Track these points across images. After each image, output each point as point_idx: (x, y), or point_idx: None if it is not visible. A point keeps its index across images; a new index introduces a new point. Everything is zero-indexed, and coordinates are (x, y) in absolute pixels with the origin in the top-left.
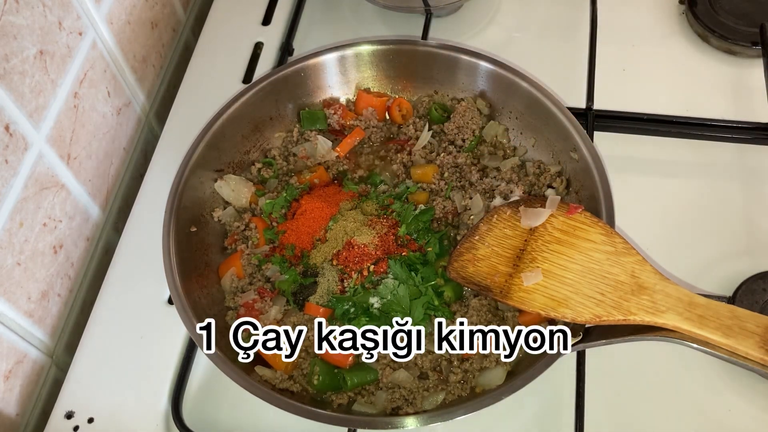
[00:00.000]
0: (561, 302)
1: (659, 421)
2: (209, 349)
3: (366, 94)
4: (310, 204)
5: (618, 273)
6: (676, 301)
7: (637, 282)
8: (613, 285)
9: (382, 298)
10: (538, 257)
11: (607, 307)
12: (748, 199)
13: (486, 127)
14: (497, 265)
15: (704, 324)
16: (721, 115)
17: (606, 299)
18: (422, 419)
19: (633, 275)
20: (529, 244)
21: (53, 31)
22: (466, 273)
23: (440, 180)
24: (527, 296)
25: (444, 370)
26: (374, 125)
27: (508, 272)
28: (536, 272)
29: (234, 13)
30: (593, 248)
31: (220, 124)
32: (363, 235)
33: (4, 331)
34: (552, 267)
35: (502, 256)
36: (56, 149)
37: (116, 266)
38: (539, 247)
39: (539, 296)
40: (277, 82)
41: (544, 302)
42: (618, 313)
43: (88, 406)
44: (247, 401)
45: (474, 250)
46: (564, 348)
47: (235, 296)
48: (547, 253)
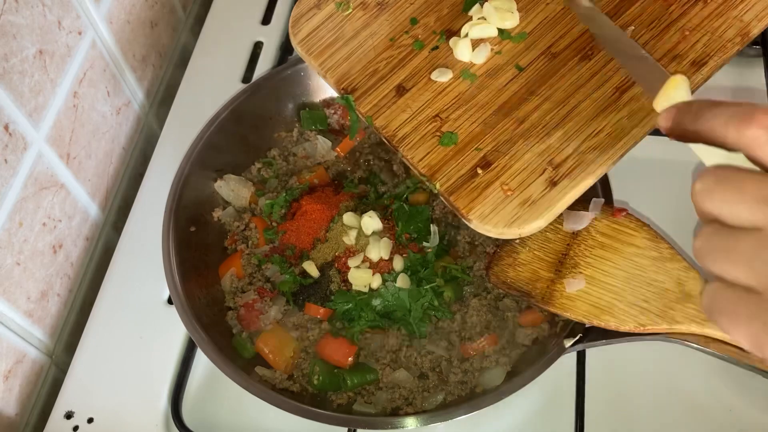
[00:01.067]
0: (604, 310)
1: (659, 421)
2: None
3: None
4: (311, 205)
5: (663, 280)
6: None
7: (683, 290)
8: (658, 292)
9: (385, 300)
10: (580, 263)
11: (651, 315)
12: None
13: None
14: (539, 270)
15: None
16: None
17: (651, 307)
18: (422, 419)
19: (679, 282)
20: (572, 248)
21: (53, 30)
22: (506, 277)
23: None
24: (570, 303)
25: (444, 370)
26: None
27: (549, 278)
28: (579, 279)
29: (234, 12)
30: (638, 253)
31: (219, 124)
32: None
33: (3, 331)
34: (595, 273)
35: (544, 260)
36: (56, 149)
37: (116, 266)
38: (582, 252)
39: (582, 303)
40: (277, 82)
41: (587, 309)
42: (663, 322)
43: (88, 406)
44: (247, 401)
45: (515, 254)
46: None
47: (235, 296)
48: (591, 258)
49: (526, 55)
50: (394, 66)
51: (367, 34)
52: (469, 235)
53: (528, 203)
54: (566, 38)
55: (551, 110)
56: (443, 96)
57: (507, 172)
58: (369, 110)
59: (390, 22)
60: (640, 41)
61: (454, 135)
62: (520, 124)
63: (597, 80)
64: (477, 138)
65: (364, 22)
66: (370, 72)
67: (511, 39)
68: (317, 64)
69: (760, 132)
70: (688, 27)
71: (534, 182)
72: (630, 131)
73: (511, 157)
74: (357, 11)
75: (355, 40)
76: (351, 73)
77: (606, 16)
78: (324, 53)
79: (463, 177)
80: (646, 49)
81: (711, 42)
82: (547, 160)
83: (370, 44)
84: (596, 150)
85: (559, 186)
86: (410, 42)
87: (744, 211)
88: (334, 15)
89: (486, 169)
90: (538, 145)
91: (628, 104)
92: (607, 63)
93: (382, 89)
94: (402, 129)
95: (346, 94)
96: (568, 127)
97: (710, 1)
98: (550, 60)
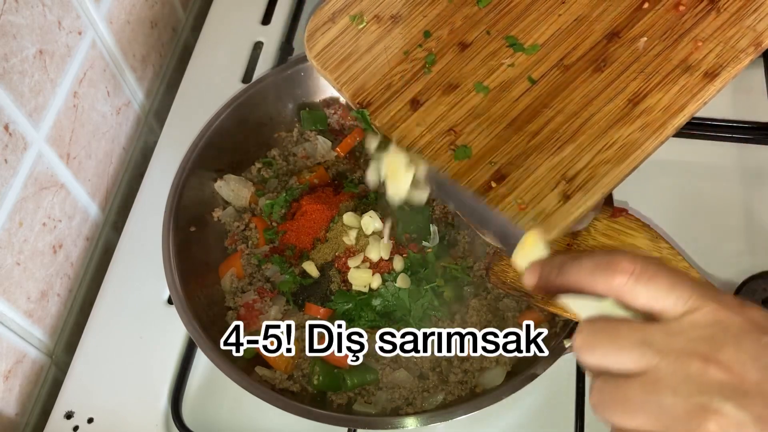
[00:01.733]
0: None
1: None
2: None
3: None
4: (311, 205)
5: None
6: None
7: None
8: None
9: (385, 300)
10: None
11: None
12: (748, 199)
13: None
14: None
15: None
16: (721, 114)
17: None
18: (422, 419)
19: None
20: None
21: (53, 30)
22: (506, 277)
23: None
24: None
25: (444, 370)
26: None
27: None
28: None
29: (234, 12)
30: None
31: (219, 124)
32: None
33: (3, 331)
34: None
35: None
36: (55, 149)
37: (116, 266)
38: None
39: None
40: (277, 82)
41: None
42: None
43: (88, 406)
44: (247, 401)
45: None
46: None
47: (235, 296)
48: None
49: (539, 67)
50: (408, 80)
51: (381, 47)
52: (469, 235)
53: (542, 217)
54: (579, 50)
55: (564, 123)
56: (457, 110)
57: (521, 185)
58: (384, 124)
59: (403, 36)
60: (653, 53)
61: (468, 149)
62: (534, 137)
63: (609, 92)
64: (491, 151)
65: (378, 36)
66: (384, 86)
67: (524, 51)
68: (333, 78)
69: (625, 278)
70: (701, 37)
71: (547, 196)
72: (642, 144)
73: (525, 170)
74: (371, 24)
75: (369, 53)
76: (366, 87)
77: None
78: (339, 67)
79: (478, 191)
80: (657, 60)
81: (724, 52)
82: (560, 174)
83: (384, 58)
84: (609, 163)
85: (572, 199)
86: (423, 55)
87: (625, 358)
88: (348, 28)
89: (500, 183)
90: (552, 159)
91: (640, 117)
92: (620, 75)
93: (396, 103)
94: (417, 143)
95: (362, 108)
96: (581, 140)
97: (723, 11)
98: (563, 72)
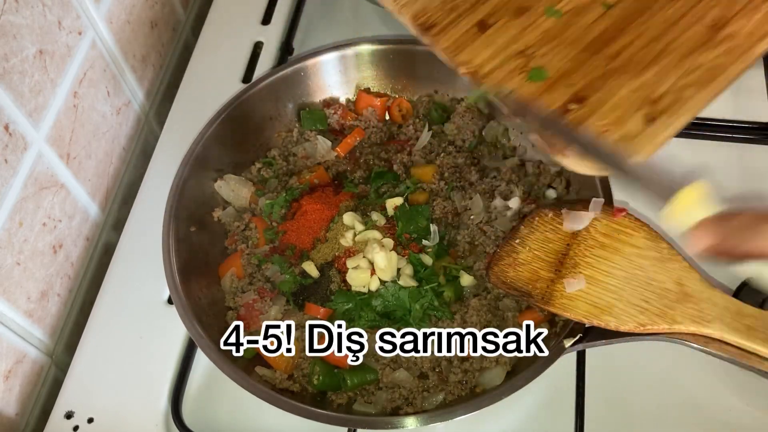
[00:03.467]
0: (604, 310)
1: (659, 421)
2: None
3: (366, 94)
4: (311, 205)
5: (663, 280)
6: (723, 310)
7: (683, 290)
8: (658, 292)
9: (385, 300)
10: (580, 263)
11: (651, 315)
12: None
13: (486, 127)
14: (539, 271)
15: (752, 335)
16: (721, 114)
17: (651, 307)
18: (422, 419)
19: (679, 282)
20: (572, 248)
21: (53, 30)
22: (506, 277)
23: (440, 180)
24: (569, 303)
25: (444, 370)
26: (374, 125)
27: (549, 278)
28: (579, 279)
29: (234, 12)
30: (638, 254)
31: (219, 124)
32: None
33: (3, 331)
34: (595, 273)
35: (544, 260)
36: (56, 149)
37: (116, 266)
38: (582, 252)
39: (582, 303)
40: (277, 82)
41: (587, 309)
42: (663, 322)
43: (88, 406)
44: (247, 401)
45: (514, 254)
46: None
47: (235, 296)
48: (590, 258)
49: None
50: (473, 2)
51: None
52: (469, 235)
53: (626, 140)
54: None
55: (644, 47)
56: (529, 32)
57: (603, 107)
58: (448, 47)
59: None
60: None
61: (543, 71)
62: (613, 60)
63: (690, 18)
64: (567, 74)
65: None
66: (448, 8)
67: None
68: (391, 0)
69: None
70: None
71: (631, 118)
72: (727, 68)
73: (606, 92)
74: None
75: None
76: (428, 8)
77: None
78: None
79: (556, 113)
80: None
81: None
82: (643, 96)
83: None
84: (693, 86)
85: (658, 122)
86: None
87: None
88: None
89: (580, 104)
90: (634, 81)
91: (723, 42)
92: (698, 3)
93: (462, 25)
94: (486, 65)
95: (425, 30)
96: (664, 63)
97: None
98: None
